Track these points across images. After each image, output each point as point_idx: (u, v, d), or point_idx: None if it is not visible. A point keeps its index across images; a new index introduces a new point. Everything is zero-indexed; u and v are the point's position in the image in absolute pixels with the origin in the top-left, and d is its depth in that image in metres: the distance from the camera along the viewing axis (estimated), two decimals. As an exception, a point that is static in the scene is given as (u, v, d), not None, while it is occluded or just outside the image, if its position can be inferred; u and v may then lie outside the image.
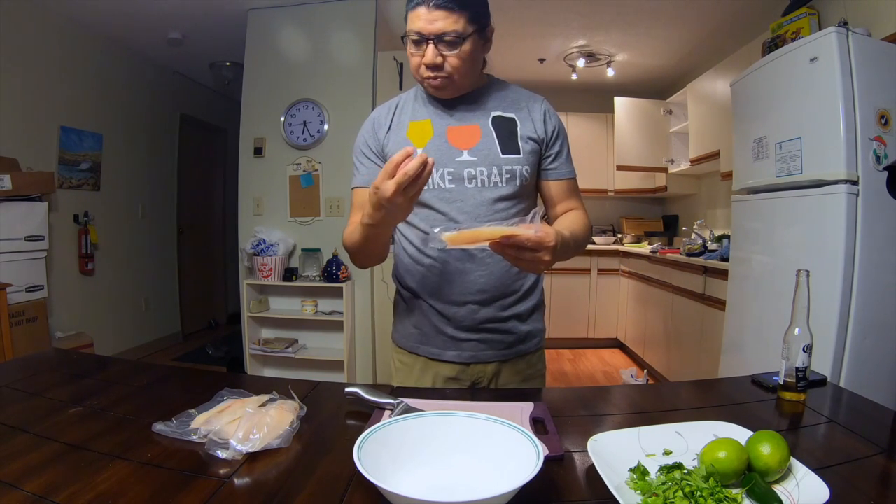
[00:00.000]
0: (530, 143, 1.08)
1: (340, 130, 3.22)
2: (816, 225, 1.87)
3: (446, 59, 0.98)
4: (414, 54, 1.00)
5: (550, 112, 1.13)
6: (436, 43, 0.96)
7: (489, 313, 1.08)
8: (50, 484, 0.60)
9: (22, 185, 2.78)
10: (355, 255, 1.07)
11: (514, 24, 3.50)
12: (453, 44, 0.96)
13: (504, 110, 1.09)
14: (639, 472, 0.61)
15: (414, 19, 0.96)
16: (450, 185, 1.05)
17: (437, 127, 1.07)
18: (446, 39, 0.95)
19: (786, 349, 0.89)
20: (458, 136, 1.06)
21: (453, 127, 1.07)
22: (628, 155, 4.38)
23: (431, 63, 0.97)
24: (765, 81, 2.17)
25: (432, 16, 0.94)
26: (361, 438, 0.60)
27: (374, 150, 1.11)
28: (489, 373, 1.11)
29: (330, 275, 3.11)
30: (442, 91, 1.03)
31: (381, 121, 1.12)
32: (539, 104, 1.12)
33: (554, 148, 1.11)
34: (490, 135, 1.06)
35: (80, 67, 3.49)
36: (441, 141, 1.06)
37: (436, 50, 0.96)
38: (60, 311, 3.29)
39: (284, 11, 3.24)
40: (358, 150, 1.13)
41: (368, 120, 1.14)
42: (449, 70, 0.99)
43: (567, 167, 1.14)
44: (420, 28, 0.95)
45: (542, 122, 1.10)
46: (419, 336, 1.12)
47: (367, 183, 1.09)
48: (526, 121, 1.09)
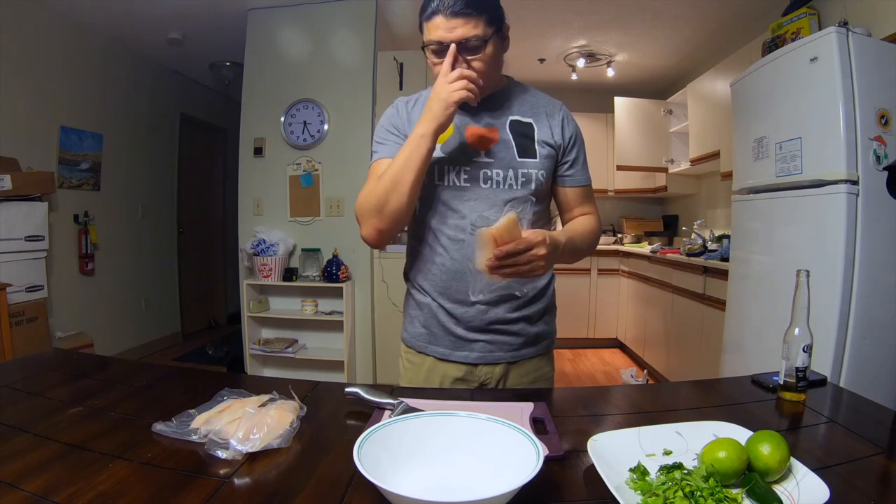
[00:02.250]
0: (546, 148, 1.08)
1: (340, 130, 3.22)
2: (816, 225, 1.87)
3: (471, 64, 0.97)
4: (436, 63, 0.99)
5: (569, 118, 1.13)
6: (458, 50, 0.95)
7: (498, 314, 1.07)
8: (50, 484, 0.60)
9: (22, 185, 2.78)
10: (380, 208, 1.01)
11: (514, 24, 3.42)
12: (476, 49, 0.96)
13: (522, 115, 1.09)
14: (639, 472, 0.61)
15: (432, 29, 0.95)
16: (465, 184, 1.05)
17: (456, 126, 1.07)
18: (468, 45, 0.95)
19: (786, 349, 0.89)
20: (476, 136, 1.06)
21: (472, 128, 1.07)
22: (628, 155, 4.38)
23: None
24: (765, 81, 2.17)
25: (451, 23, 0.93)
26: (361, 438, 0.60)
27: (398, 129, 1.10)
28: (497, 374, 1.10)
29: (330, 275, 3.11)
30: (471, 100, 1.02)
31: (403, 110, 1.11)
32: (558, 110, 1.12)
33: (571, 155, 1.12)
34: (507, 138, 1.06)
35: (80, 67, 3.49)
36: (460, 140, 1.06)
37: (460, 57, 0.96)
38: (60, 311, 3.29)
39: (284, 11, 3.24)
40: (381, 129, 1.12)
41: (393, 106, 1.14)
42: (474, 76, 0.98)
43: (583, 174, 1.14)
44: (440, 37, 0.95)
45: (560, 129, 1.10)
46: (428, 336, 1.12)
47: (390, 154, 1.06)
48: (543, 126, 1.09)
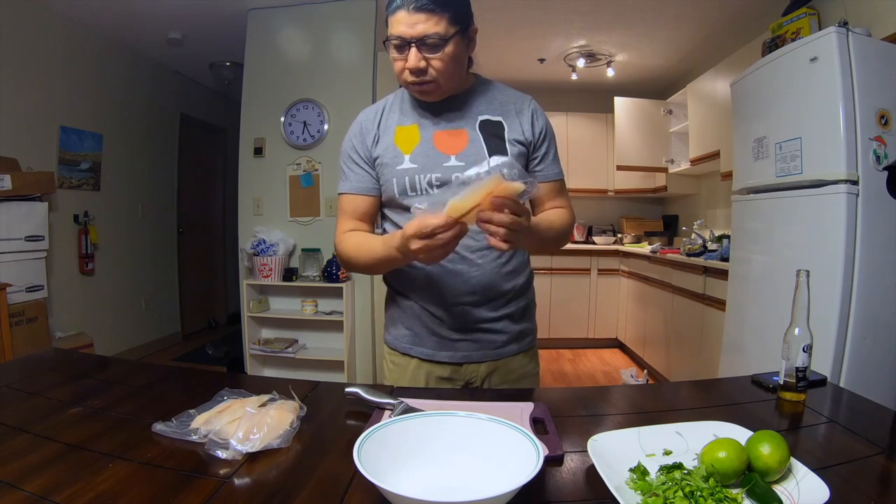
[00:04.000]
0: (517, 146, 1.07)
1: (340, 130, 3.20)
2: (816, 225, 1.87)
3: (430, 62, 0.96)
4: (397, 59, 0.98)
5: (538, 113, 1.12)
6: (418, 46, 0.94)
7: (481, 314, 1.08)
8: (50, 484, 0.60)
9: (22, 185, 2.78)
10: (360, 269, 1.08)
11: (514, 24, 3.50)
12: (436, 47, 0.94)
13: (491, 113, 1.08)
14: (639, 472, 0.61)
15: (394, 23, 0.95)
16: (437, 190, 1.04)
17: (424, 132, 1.06)
18: (428, 42, 0.94)
19: (786, 349, 0.89)
20: (445, 141, 1.05)
21: (440, 132, 1.06)
22: (628, 155, 4.38)
23: (415, 67, 0.95)
24: (765, 81, 2.17)
25: (413, 19, 0.92)
26: (361, 438, 0.60)
27: (362, 156, 1.10)
28: (482, 373, 1.11)
29: (330, 275, 3.11)
30: (428, 95, 1.02)
31: (369, 126, 1.11)
32: (527, 105, 1.11)
33: (541, 150, 1.11)
34: (477, 139, 1.05)
35: (81, 67, 3.49)
36: (428, 146, 1.05)
37: (419, 54, 0.94)
38: (60, 311, 3.29)
39: (284, 11, 3.24)
40: (346, 155, 1.12)
41: (356, 123, 1.13)
42: (433, 74, 0.97)
43: (553, 168, 1.13)
44: (401, 32, 0.94)
45: (530, 124, 1.09)
46: (412, 337, 1.12)
47: (354, 189, 1.10)
48: (513, 123, 1.08)
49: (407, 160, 1.05)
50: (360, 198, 1.10)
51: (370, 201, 1.11)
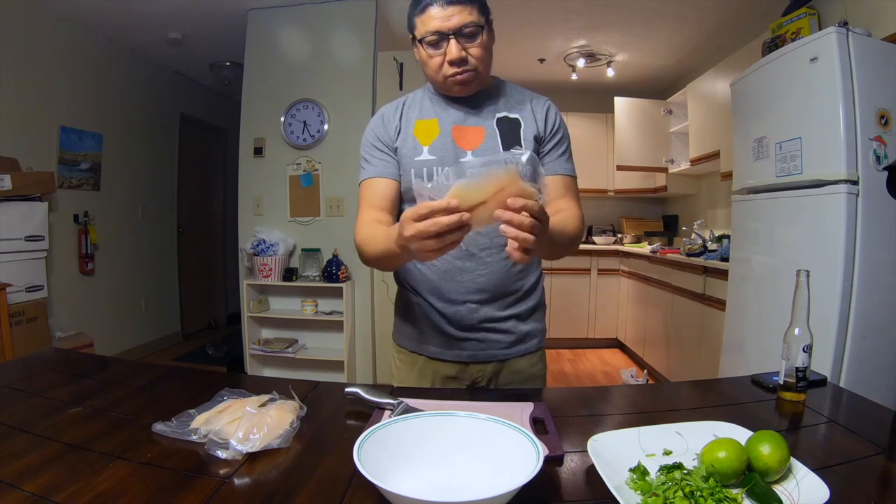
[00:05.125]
0: (533, 144, 1.08)
1: (340, 130, 3.22)
2: (816, 225, 1.87)
3: (469, 51, 0.98)
4: (433, 55, 0.99)
5: (553, 111, 1.13)
6: (456, 37, 0.96)
7: (488, 312, 1.08)
8: (50, 484, 0.60)
9: (22, 185, 2.78)
10: (370, 262, 1.03)
11: (514, 24, 3.50)
12: (473, 35, 0.97)
13: (509, 111, 1.09)
14: (639, 472, 0.61)
15: (426, 21, 0.96)
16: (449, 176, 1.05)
17: (443, 126, 1.07)
18: (465, 32, 0.96)
19: (786, 349, 0.89)
20: (463, 136, 1.07)
21: (459, 126, 1.07)
22: (628, 155, 4.38)
23: (457, 58, 0.97)
24: (765, 81, 2.17)
25: (447, 12, 0.95)
26: (361, 438, 0.60)
27: (384, 143, 1.10)
28: (489, 372, 1.11)
29: (330, 275, 3.11)
30: (467, 86, 1.03)
31: (391, 118, 1.11)
32: (542, 104, 1.13)
33: (551, 143, 1.11)
34: (494, 136, 1.06)
35: (81, 67, 3.49)
36: (446, 140, 1.06)
37: (458, 44, 0.97)
38: (60, 311, 3.29)
39: (284, 11, 3.24)
40: (367, 144, 1.12)
41: (377, 116, 1.14)
42: (474, 63, 0.99)
43: (563, 164, 1.12)
44: (437, 27, 0.96)
45: (544, 121, 1.10)
46: (419, 335, 1.12)
47: (377, 174, 1.08)
48: (529, 121, 1.09)
49: (426, 152, 1.06)
50: (382, 181, 1.08)
51: (393, 186, 1.08)
